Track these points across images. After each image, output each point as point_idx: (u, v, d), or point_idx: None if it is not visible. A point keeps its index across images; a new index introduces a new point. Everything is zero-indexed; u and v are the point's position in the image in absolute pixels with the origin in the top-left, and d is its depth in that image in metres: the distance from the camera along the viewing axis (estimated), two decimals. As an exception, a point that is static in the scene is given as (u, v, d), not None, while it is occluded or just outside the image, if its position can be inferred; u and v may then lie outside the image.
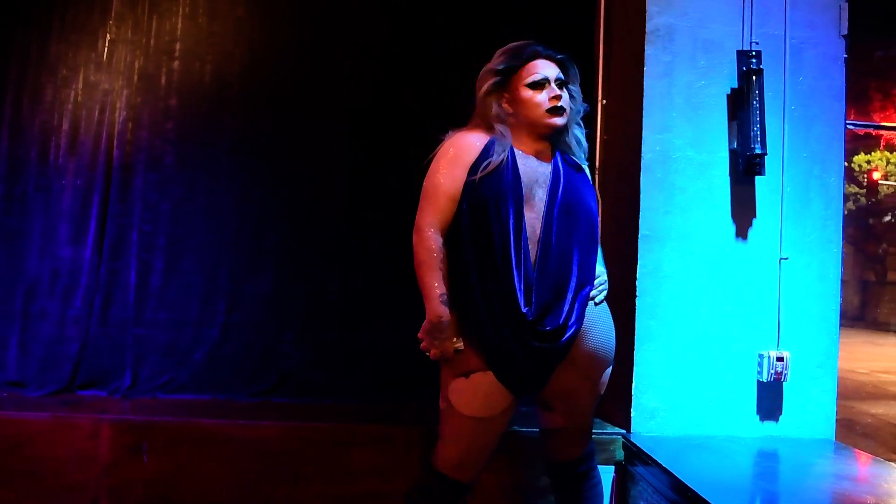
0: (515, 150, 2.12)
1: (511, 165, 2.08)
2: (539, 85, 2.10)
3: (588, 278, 2.12)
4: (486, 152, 2.09)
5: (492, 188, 2.05)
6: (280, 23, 3.54)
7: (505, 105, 2.12)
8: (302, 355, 3.39)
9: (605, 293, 2.19)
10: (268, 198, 3.46)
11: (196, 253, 3.42)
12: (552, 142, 2.17)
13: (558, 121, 2.11)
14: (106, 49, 3.47)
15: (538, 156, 2.15)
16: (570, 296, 2.07)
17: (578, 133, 2.22)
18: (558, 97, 2.10)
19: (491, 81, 2.12)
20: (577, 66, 2.18)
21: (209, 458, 2.80)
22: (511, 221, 2.03)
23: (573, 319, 2.06)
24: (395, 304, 3.34)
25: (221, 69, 3.49)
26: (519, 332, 2.03)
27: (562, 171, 2.13)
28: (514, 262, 2.03)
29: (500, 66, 2.12)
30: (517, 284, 2.02)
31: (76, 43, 3.46)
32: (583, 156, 2.24)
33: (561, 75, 2.13)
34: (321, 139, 3.51)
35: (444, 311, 2.06)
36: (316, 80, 3.53)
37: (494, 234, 2.04)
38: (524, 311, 2.02)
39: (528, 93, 2.10)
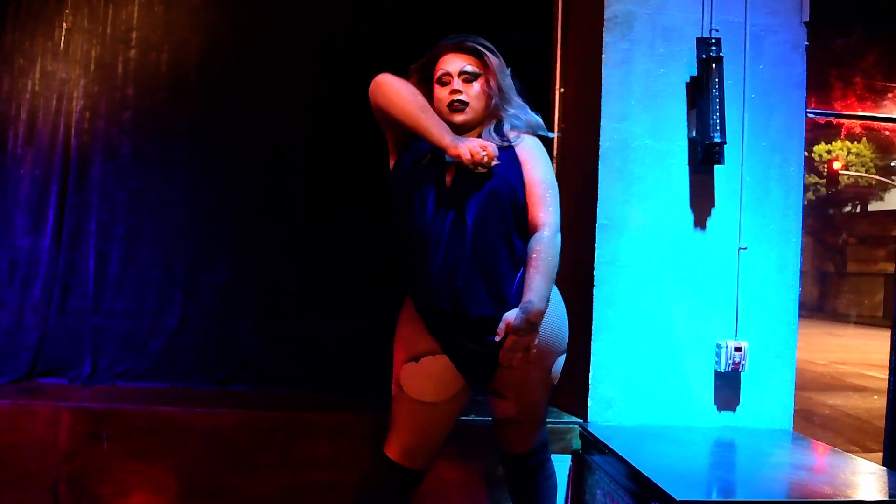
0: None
1: (426, 157, 1.96)
2: (443, 81, 1.97)
3: (490, 263, 1.89)
4: (405, 149, 2.02)
5: (404, 181, 1.98)
6: (241, 11, 3.27)
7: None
8: (260, 345, 3.17)
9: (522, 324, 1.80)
10: (225, 189, 3.21)
11: (153, 243, 3.19)
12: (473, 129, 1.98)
13: (457, 118, 1.95)
14: (63, 38, 3.19)
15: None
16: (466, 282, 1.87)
17: (518, 113, 1.99)
18: (456, 91, 1.94)
19: (413, 79, 2.01)
20: (495, 53, 1.97)
21: (167, 446, 2.62)
22: (414, 213, 1.94)
23: (476, 300, 1.87)
24: (353, 296, 3.18)
25: (178, 59, 3.22)
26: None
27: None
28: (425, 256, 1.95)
29: (416, 66, 2.03)
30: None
31: (32, 32, 3.19)
32: (517, 134, 2.00)
33: (469, 67, 1.95)
34: (284, 133, 3.26)
35: None
36: (289, 76, 3.27)
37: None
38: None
39: (437, 89, 1.99)
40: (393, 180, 2.01)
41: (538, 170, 1.94)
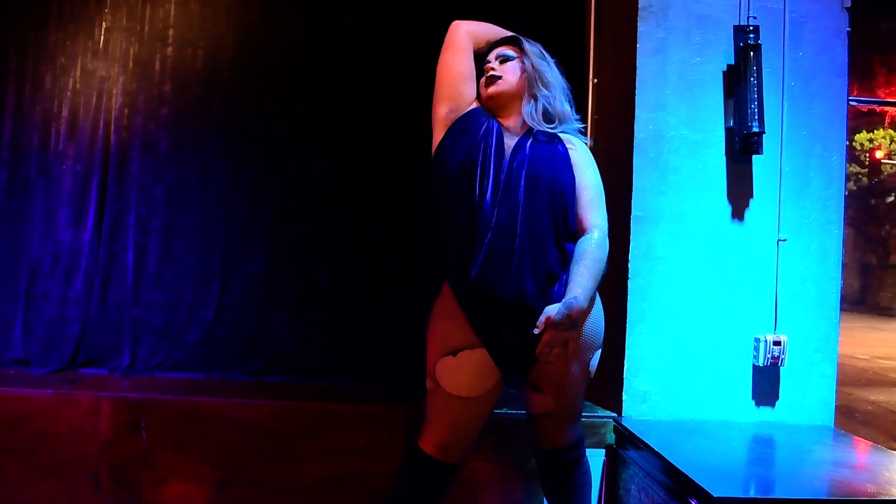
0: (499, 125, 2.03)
1: (484, 136, 1.98)
2: (485, 70, 2.07)
3: (542, 252, 1.89)
4: (458, 128, 2.01)
5: (458, 161, 1.97)
6: (272, 6, 3.31)
7: None
8: (293, 335, 3.20)
9: (564, 316, 1.78)
10: (257, 181, 3.26)
11: (190, 235, 3.24)
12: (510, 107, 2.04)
13: (490, 89, 2.02)
14: (102, 37, 3.27)
15: (507, 132, 2.00)
16: (515, 265, 1.88)
17: (551, 97, 2.02)
18: (490, 68, 2.03)
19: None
20: (533, 43, 2.07)
21: (204, 436, 2.66)
22: (470, 195, 1.94)
23: (523, 287, 1.87)
24: (385, 286, 3.18)
25: (213, 55, 3.28)
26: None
27: (528, 145, 1.97)
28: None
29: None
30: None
31: (73, 31, 3.27)
32: (556, 128, 2.03)
33: (507, 51, 2.05)
34: (315, 125, 3.30)
35: None
36: (320, 69, 3.31)
37: None
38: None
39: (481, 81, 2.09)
40: (444, 159, 1.97)
41: (589, 175, 1.99)
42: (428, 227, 3.07)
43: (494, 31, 2.10)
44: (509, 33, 2.11)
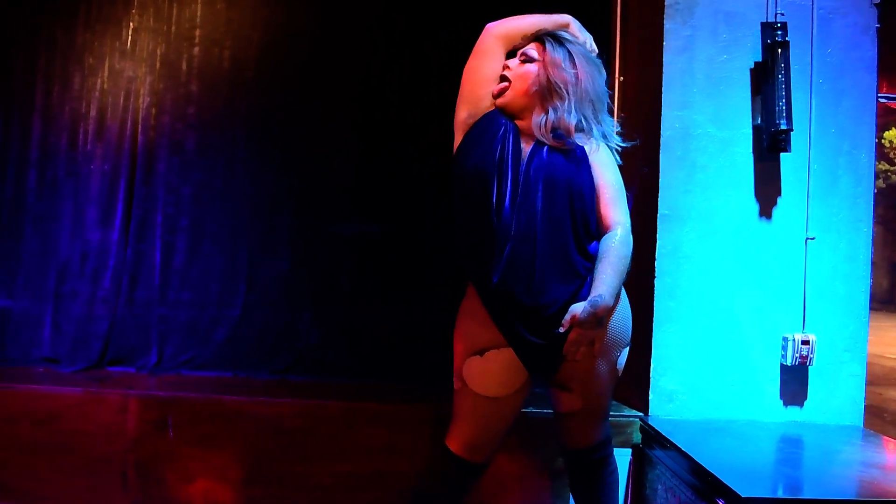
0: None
1: (501, 139, 1.95)
2: (503, 66, 2.02)
3: (564, 257, 1.88)
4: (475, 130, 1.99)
5: (476, 164, 1.95)
6: (296, 7, 3.37)
7: None
8: (318, 335, 3.26)
9: (589, 312, 1.79)
10: (284, 180, 3.32)
11: (216, 234, 3.31)
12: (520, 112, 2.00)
13: (498, 100, 1.99)
14: (129, 37, 3.35)
15: (524, 134, 1.98)
16: (538, 271, 1.87)
17: (559, 109, 1.95)
18: (507, 66, 1.99)
19: None
20: (563, 45, 1.97)
21: (230, 434, 2.71)
22: (488, 197, 1.93)
23: (546, 293, 1.86)
24: (410, 285, 3.22)
25: (239, 54, 3.34)
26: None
27: (545, 149, 1.93)
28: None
29: None
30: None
31: (101, 32, 3.35)
32: (589, 139, 1.99)
33: (530, 51, 1.99)
34: (339, 124, 3.35)
35: None
36: (342, 68, 3.35)
37: None
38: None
39: None
40: (461, 162, 1.97)
41: (608, 173, 1.97)
42: (435, 228, 3.16)
43: (528, 24, 2.02)
44: (544, 22, 2.02)
